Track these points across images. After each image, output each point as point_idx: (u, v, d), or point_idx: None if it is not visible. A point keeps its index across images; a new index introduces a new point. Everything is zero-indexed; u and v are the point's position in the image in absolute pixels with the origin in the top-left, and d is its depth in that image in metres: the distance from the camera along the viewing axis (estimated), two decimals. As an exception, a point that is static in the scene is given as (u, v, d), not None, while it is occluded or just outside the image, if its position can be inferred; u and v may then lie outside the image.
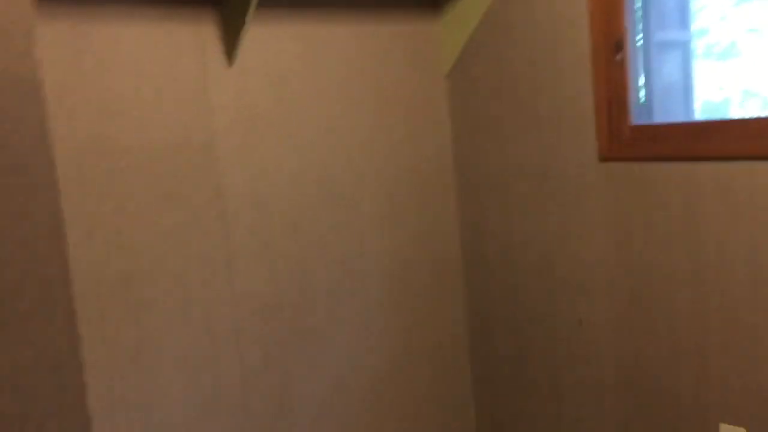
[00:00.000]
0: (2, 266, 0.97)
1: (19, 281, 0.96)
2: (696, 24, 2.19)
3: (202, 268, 1.86)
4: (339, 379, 2.17)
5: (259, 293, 1.98)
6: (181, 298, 1.82)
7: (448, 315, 2.48)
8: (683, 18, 2.21)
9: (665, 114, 2.16)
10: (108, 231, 1.69)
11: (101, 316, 1.68)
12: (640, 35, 2.10)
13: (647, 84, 2.12)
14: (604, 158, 2.08)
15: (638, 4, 2.09)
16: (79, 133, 1.64)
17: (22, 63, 1.00)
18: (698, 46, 2.18)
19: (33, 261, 0.98)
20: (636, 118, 2.08)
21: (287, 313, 2.04)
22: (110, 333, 1.69)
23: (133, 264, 1.74)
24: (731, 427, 1.90)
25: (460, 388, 2.52)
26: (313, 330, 2.11)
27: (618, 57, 2.04)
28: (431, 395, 2.43)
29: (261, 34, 1.97)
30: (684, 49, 2.20)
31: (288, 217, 2.05)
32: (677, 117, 2.18)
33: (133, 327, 1.74)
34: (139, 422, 1.75)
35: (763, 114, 1.80)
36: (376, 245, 2.26)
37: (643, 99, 2.12)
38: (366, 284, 2.24)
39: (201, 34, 1.86)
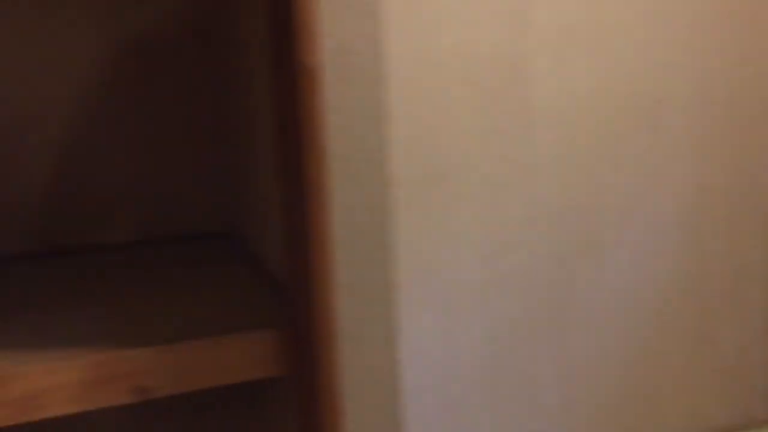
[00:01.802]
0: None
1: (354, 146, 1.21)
2: None
3: (508, 172, 2.09)
4: (623, 293, 2.28)
5: (553, 196, 2.15)
6: (488, 194, 2.08)
7: (749, 257, 2.41)
8: None
9: None
10: (427, 127, 1.99)
11: (421, 205, 2.00)
12: None
13: None
14: None
15: None
16: (410, 44, 1.94)
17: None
18: None
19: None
20: None
21: (576, 219, 2.18)
22: (422, 220, 2.01)
23: (446, 160, 2.03)
24: None
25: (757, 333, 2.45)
26: (599, 239, 2.23)
27: None
28: (724, 327, 2.41)
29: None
30: None
31: (590, 134, 2.17)
32: None
33: (443, 216, 2.04)
34: (439, 287, 2.06)
35: None
36: (676, 170, 2.28)
37: None
38: (659, 209, 2.28)
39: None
